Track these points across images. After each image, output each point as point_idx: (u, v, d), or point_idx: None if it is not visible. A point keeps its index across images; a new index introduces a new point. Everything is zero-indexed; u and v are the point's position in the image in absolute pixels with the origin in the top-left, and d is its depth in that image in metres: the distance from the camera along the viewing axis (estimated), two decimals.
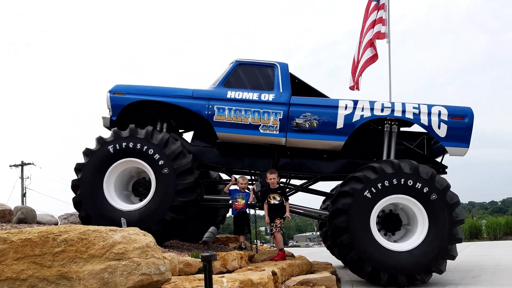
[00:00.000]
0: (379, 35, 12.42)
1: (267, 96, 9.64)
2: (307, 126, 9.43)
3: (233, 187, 10.04)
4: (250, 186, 10.07)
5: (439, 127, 9.31)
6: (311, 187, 11.31)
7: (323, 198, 12.77)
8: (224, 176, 11.40)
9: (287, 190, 10.53)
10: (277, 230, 9.34)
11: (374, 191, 8.55)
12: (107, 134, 9.44)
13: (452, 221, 8.48)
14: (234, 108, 9.53)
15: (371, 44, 12.51)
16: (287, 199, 9.67)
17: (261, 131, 9.49)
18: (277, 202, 9.45)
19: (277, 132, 9.47)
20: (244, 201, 9.74)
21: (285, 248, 9.90)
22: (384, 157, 9.57)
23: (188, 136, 11.13)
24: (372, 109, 9.49)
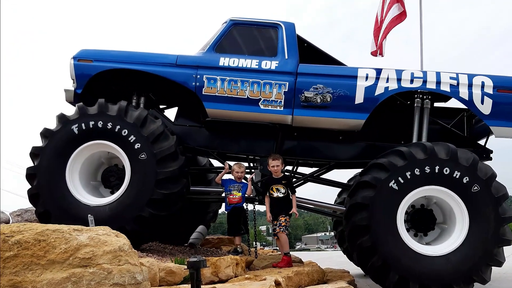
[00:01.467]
0: None
1: (269, 64, 9.59)
2: (319, 100, 9.39)
3: (226, 176, 10.02)
4: (248, 176, 10.05)
5: (482, 102, 9.27)
6: (323, 176, 11.28)
7: (338, 190, 12.79)
8: (216, 163, 11.41)
9: (294, 180, 10.53)
10: (282, 229, 9.30)
11: (402, 181, 8.52)
12: (70, 110, 9.41)
13: (498, 219, 8.46)
14: (228, 78, 9.47)
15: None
16: (293, 191, 9.64)
17: (262, 107, 9.44)
18: (281, 195, 9.42)
19: (282, 108, 9.43)
20: (240, 194, 9.72)
21: (291, 252, 9.89)
22: (414, 140, 9.54)
23: (171, 113, 11.10)
24: (399, 80, 9.44)
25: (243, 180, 9.92)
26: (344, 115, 9.41)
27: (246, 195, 9.77)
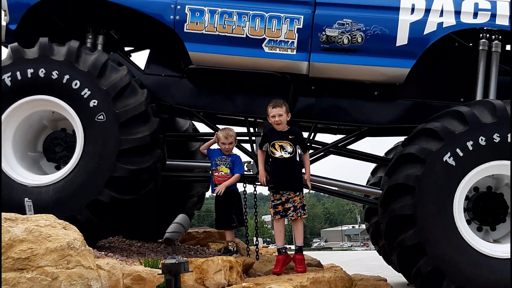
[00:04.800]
0: None
1: None
2: (346, 41, 9.36)
3: (216, 145, 10.02)
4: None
5: None
6: (351, 146, 11.30)
7: (372, 166, 12.82)
8: (203, 128, 11.44)
9: (310, 146, 10.52)
10: (300, 214, 9.30)
11: (462, 154, 8.49)
12: (1, 54, 9.39)
13: None
14: (219, 10, 9.43)
15: None
16: (305, 149, 9.70)
17: (267, 50, 9.41)
18: (287, 156, 9.29)
19: (294, 52, 9.41)
20: (228, 170, 9.78)
21: (305, 252, 9.93)
22: (479, 97, 9.52)
23: (141, 58, 11.09)
24: (458, 13, 9.40)
25: (233, 152, 9.94)
26: (381, 62, 9.40)
27: (245, 173, 9.81)
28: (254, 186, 10.36)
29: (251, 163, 10.16)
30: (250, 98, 10.18)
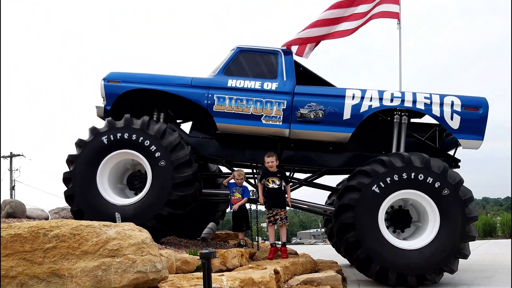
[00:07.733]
0: (391, 14, 11.23)
1: (270, 85, 9.62)
2: (312, 116, 9.42)
3: (232, 180, 10.11)
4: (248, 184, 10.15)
5: (451, 118, 9.30)
6: (316, 181, 11.33)
7: (328, 192, 12.78)
8: (224, 169, 11.45)
9: (291, 184, 10.55)
10: (284, 222, 9.47)
11: (383, 185, 8.54)
12: (101, 124, 9.45)
13: (465, 218, 8.47)
14: (235, 97, 9.52)
15: (368, 19, 11.20)
16: (288, 182, 9.79)
17: (264, 121, 9.48)
18: (276, 186, 9.44)
19: (281, 123, 9.46)
20: (240, 195, 9.92)
21: (287, 246, 9.92)
22: (394, 150, 9.57)
23: (186, 127, 11.14)
24: (381, 99, 9.46)
25: (244, 184, 10.10)
26: (334, 129, 9.43)
27: (250, 197, 9.91)
28: (256, 205, 10.39)
29: (254, 191, 10.21)
30: (254, 151, 10.21)
